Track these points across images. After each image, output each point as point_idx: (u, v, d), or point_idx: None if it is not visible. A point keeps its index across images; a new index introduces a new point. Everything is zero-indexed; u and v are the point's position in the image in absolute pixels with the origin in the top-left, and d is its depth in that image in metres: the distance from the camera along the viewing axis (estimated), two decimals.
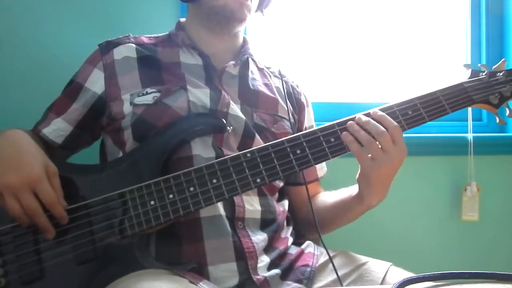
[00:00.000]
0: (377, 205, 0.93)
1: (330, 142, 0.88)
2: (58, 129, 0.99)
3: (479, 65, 1.00)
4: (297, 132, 1.06)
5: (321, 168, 1.14)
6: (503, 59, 1.00)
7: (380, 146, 0.86)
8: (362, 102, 1.57)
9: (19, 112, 1.03)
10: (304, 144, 0.87)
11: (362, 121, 0.88)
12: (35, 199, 0.79)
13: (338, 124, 0.89)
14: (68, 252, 0.81)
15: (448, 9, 1.67)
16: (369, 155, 0.87)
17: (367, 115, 0.89)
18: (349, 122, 0.89)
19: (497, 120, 0.99)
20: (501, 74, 0.97)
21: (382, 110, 0.90)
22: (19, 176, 0.79)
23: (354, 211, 0.97)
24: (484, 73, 0.98)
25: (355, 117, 0.90)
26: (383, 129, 0.86)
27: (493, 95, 0.96)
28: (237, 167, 0.85)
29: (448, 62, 1.65)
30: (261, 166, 0.85)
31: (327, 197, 1.07)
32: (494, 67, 0.99)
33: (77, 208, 0.83)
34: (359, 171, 0.90)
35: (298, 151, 0.87)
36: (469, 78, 0.98)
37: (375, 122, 0.87)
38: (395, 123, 0.87)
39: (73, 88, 1.00)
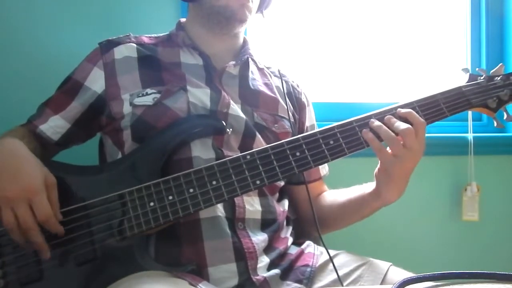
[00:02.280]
0: (397, 200, 0.92)
1: (329, 144, 0.88)
2: (55, 126, 0.99)
3: (477, 69, 1.01)
4: (298, 132, 1.07)
5: (323, 167, 1.14)
6: (500, 64, 1.01)
7: (402, 142, 0.86)
8: (362, 102, 1.57)
9: (18, 112, 1.03)
10: (304, 146, 0.87)
11: (377, 122, 0.88)
12: (31, 214, 0.78)
13: (338, 126, 0.89)
14: (67, 253, 0.81)
15: (448, 9, 1.66)
16: (390, 151, 0.87)
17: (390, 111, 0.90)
18: (371, 120, 0.89)
19: (495, 124, 0.99)
20: (499, 78, 0.98)
21: (381, 112, 0.90)
22: (17, 188, 0.78)
23: (370, 207, 0.97)
24: (482, 77, 0.99)
25: (356, 118, 0.90)
26: (407, 125, 0.86)
27: (491, 99, 0.97)
28: (236, 169, 0.85)
29: (448, 63, 1.65)
30: (261, 168, 0.85)
31: (338, 195, 1.06)
32: (492, 71, 1.00)
33: (77, 209, 0.83)
34: (378, 167, 0.90)
35: (298, 153, 0.87)
36: (467, 82, 0.98)
37: (395, 119, 0.87)
38: (422, 120, 0.87)
39: (72, 86, 1.00)
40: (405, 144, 0.85)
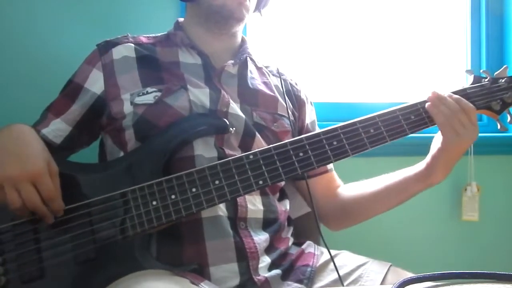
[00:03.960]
0: (440, 182, 0.95)
1: (332, 145, 0.88)
2: (57, 129, 0.98)
3: (481, 71, 1.01)
4: (298, 129, 1.07)
5: None
6: (505, 66, 1.01)
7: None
8: (363, 102, 1.57)
9: (19, 112, 1.03)
10: (307, 146, 0.87)
11: (441, 96, 0.91)
12: (35, 191, 0.79)
13: (341, 127, 0.90)
14: (68, 251, 0.81)
15: (448, 9, 1.67)
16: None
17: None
18: (430, 95, 0.92)
19: (499, 126, 0.99)
20: (503, 80, 0.98)
21: (386, 113, 0.92)
22: (22, 169, 0.79)
23: (412, 190, 0.99)
24: (486, 79, 0.99)
25: (359, 119, 0.90)
26: (459, 106, 0.90)
27: (495, 101, 0.97)
28: (239, 169, 0.85)
29: (448, 63, 1.66)
30: (264, 168, 0.85)
31: (366, 185, 1.05)
32: (496, 73, 1.00)
33: (79, 207, 0.83)
34: (439, 146, 0.92)
35: (301, 154, 0.87)
36: (471, 84, 0.99)
37: (450, 100, 0.91)
38: (471, 105, 0.91)
39: (72, 89, 1.00)
40: (462, 123, 0.90)
